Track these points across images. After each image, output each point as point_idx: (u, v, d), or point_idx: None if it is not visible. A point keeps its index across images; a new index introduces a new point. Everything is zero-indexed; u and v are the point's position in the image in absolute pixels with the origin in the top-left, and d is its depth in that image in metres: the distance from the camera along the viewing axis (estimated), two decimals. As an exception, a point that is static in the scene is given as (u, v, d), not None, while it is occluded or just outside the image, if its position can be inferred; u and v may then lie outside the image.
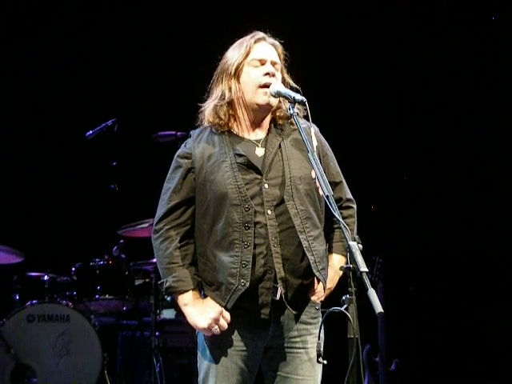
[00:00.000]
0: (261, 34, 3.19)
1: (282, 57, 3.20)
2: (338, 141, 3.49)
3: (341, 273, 3.02)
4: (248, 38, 3.17)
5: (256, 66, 3.11)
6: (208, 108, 3.15)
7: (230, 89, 3.11)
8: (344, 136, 6.44)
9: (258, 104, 3.09)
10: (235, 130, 3.16)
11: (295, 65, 3.28)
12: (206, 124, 3.18)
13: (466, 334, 6.57)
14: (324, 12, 6.87)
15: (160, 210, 3.14)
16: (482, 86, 6.63)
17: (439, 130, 6.82)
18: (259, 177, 3.03)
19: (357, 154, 6.67)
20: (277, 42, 3.21)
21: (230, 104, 3.13)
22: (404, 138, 6.92)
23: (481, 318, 6.55)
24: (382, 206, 6.90)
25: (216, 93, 3.15)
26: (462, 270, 6.64)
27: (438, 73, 6.80)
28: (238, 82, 3.11)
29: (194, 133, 3.21)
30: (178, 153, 3.19)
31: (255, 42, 3.14)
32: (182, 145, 3.21)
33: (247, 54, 3.12)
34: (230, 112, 3.14)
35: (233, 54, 3.14)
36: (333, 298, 3.06)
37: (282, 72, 3.18)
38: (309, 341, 3.07)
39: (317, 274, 3.02)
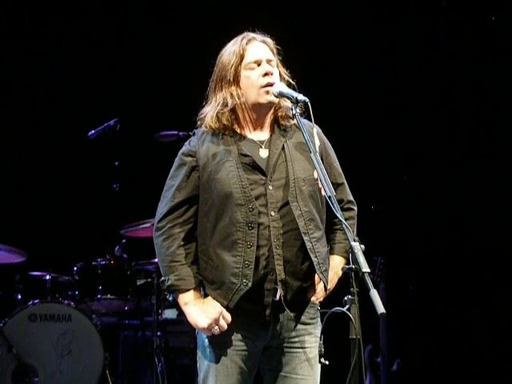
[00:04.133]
0: (251, 35, 3.18)
1: (275, 51, 3.19)
2: (338, 140, 3.48)
3: (340, 274, 3.03)
4: (239, 40, 3.15)
5: (253, 68, 3.10)
6: (209, 115, 3.13)
7: (231, 95, 3.10)
8: (344, 136, 6.43)
9: (260, 103, 3.09)
10: (239, 130, 3.15)
11: (295, 63, 3.28)
12: (206, 129, 3.15)
13: (468, 335, 6.57)
14: (322, 9, 6.88)
15: (163, 208, 3.13)
16: (483, 86, 6.63)
17: (439, 129, 6.81)
18: (264, 178, 3.03)
19: (357, 154, 6.67)
20: (268, 39, 3.20)
21: (232, 109, 3.12)
22: (404, 138, 6.92)
23: (483, 318, 6.55)
24: (383, 206, 6.89)
25: (217, 100, 3.13)
26: (464, 270, 6.64)
27: (438, 73, 6.80)
28: (239, 88, 3.10)
29: (198, 131, 3.20)
30: (182, 150, 3.18)
31: (247, 43, 3.13)
32: (186, 142, 3.20)
33: (242, 58, 3.11)
34: (233, 116, 3.13)
35: (227, 60, 3.13)
36: (334, 298, 3.06)
37: (278, 67, 3.17)
38: (307, 341, 3.08)
39: (320, 275, 3.03)
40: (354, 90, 6.89)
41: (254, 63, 3.10)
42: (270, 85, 3.07)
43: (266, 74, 3.08)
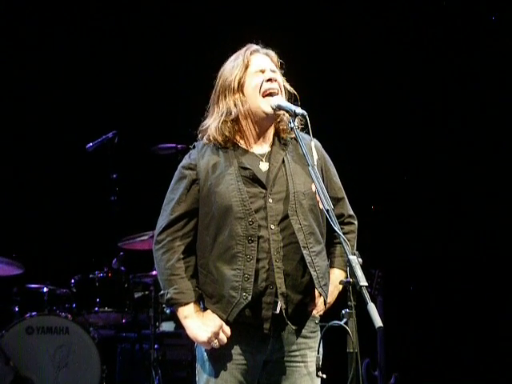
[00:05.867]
0: (254, 47, 3.20)
1: (278, 65, 3.21)
2: (337, 141, 3.49)
3: (340, 287, 3.03)
4: (243, 51, 3.18)
5: (257, 75, 3.12)
6: (212, 126, 3.13)
7: (235, 103, 3.10)
8: (344, 137, 6.46)
9: (264, 111, 3.09)
10: (240, 142, 3.15)
11: (292, 71, 3.29)
12: (206, 142, 3.15)
13: (466, 349, 6.55)
14: (320, 19, 6.90)
15: (162, 221, 3.12)
16: (483, 86, 6.63)
17: (439, 130, 6.81)
18: (264, 191, 3.03)
19: (356, 155, 6.68)
20: (271, 52, 3.22)
21: (235, 119, 3.12)
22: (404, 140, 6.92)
23: (481, 333, 6.54)
24: (382, 209, 6.89)
25: (220, 110, 3.13)
26: (462, 283, 6.63)
27: (438, 73, 6.80)
28: (243, 95, 3.11)
29: (198, 144, 3.20)
30: (182, 163, 3.17)
31: (251, 54, 3.16)
32: (186, 155, 3.19)
33: (246, 67, 3.13)
34: (235, 128, 3.13)
35: (232, 70, 3.14)
36: (332, 311, 3.06)
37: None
38: (308, 355, 3.07)
39: (319, 289, 3.02)
40: (354, 90, 6.89)
41: (259, 72, 3.12)
42: (272, 90, 3.08)
43: (269, 80, 3.09)
